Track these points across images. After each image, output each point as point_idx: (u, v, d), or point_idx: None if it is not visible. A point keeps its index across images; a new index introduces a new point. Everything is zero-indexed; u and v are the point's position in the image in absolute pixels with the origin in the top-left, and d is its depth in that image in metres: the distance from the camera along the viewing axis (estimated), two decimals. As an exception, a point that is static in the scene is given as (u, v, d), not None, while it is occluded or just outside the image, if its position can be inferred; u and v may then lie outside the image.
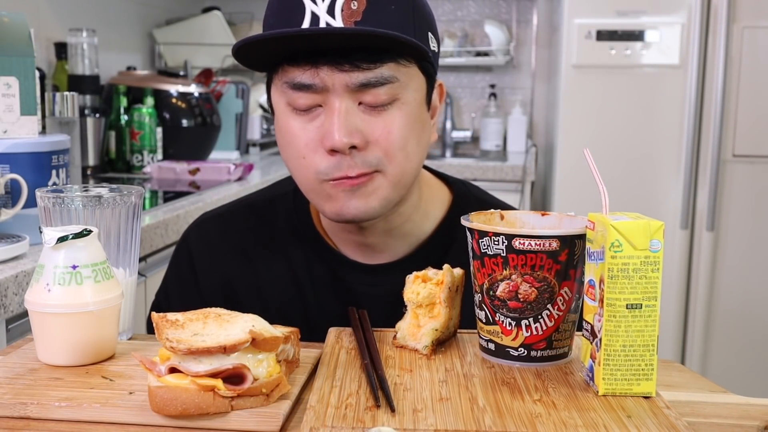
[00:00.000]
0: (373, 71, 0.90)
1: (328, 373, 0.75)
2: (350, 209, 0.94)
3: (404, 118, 0.94)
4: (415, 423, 0.64)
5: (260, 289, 1.07)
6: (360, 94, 0.91)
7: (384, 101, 0.92)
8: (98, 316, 0.79)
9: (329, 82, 0.90)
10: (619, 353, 0.71)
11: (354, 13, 0.89)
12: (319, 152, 0.93)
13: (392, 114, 0.93)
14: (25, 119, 1.42)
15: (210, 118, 2.77)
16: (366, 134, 0.92)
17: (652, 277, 0.70)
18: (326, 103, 0.92)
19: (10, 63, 1.39)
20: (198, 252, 1.11)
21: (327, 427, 0.63)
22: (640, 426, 0.65)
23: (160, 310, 1.12)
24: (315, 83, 0.91)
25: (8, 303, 1.21)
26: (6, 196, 1.35)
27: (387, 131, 0.92)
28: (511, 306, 0.76)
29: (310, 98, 0.92)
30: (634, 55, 2.85)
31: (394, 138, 0.93)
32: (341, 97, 0.91)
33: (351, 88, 0.91)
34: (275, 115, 0.99)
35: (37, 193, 0.89)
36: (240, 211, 1.13)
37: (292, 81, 0.92)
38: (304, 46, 0.90)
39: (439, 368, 0.77)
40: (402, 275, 0.86)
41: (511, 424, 0.65)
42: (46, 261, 0.78)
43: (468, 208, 1.05)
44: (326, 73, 0.90)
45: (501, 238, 0.75)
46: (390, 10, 0.91)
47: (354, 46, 0.89)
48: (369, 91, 0.91)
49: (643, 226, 0.69)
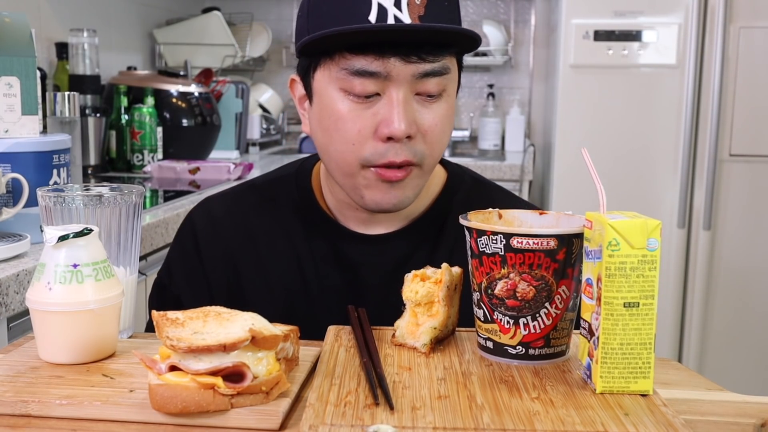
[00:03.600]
0: (436, 63, 0.95)
1: (327, 371, 0.76)
2: (390, 200, 0.99)
3: (448, 110, 0.99)
4: (413, 421, 0.65)
5: (262, 263, 1.09)
6: (417, 84, 0.95)
7: (436, 91, 0.97)
8: (99, 314, 0.79)
9: (394, 72, 0.93)
10: (617, 351, 0.71)
11: (417, 8, 0.94)
12: (370, 139, 0.96)
13: (440, 105, 0.98)
14: (27, 119, 1.42)
15: (210, 118, 2.78)
16: (419, 124, 0.96)
17: (649, 276, 0.71)
18: (385, 92, 0.95)
19: (11, 63, 1.39)
20: (201, 228, 1.13)
21: (326, 424, 0.64)
22: (638, 424, 0.65)
23: (162, 288, 1.13)
24: (380, 71, 0.93)
25: (9, 301, 1.21)
26: (7, 195, 1.36)
27: (434, 123, 0.97)
28: (509, 304, 0.77)
29: (371, 85, 0.94)
30: (631, 55, 2.86)
31: (438, 130, 0.98)
32: (402, 86, 0.94)
33: (413, 78, 0.94)
34: (316, 99, 1.00)
35: (38, 192, 0.89)
36: (242, 190, 1.16)
37: (354, 68, 0.94)
38: (374, 39, 0.93)
39: (437, 366, 0.78)
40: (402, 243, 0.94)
41: (509, 421, 0.65)
42: (47, 260, 0.79)
43: (462, 186, 1.11)
44: (393, 64, 0.93)
45: (499, 237, 0.76)
46: (444, 6, 0.97)
47: (421, 40, 0.94)
48: (427, 81, 0.95)
49: (641, 225, 0.70)
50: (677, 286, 2.96)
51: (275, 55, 3.88)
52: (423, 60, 0.94)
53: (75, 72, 2.47)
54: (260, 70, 3.86)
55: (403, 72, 0.94)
